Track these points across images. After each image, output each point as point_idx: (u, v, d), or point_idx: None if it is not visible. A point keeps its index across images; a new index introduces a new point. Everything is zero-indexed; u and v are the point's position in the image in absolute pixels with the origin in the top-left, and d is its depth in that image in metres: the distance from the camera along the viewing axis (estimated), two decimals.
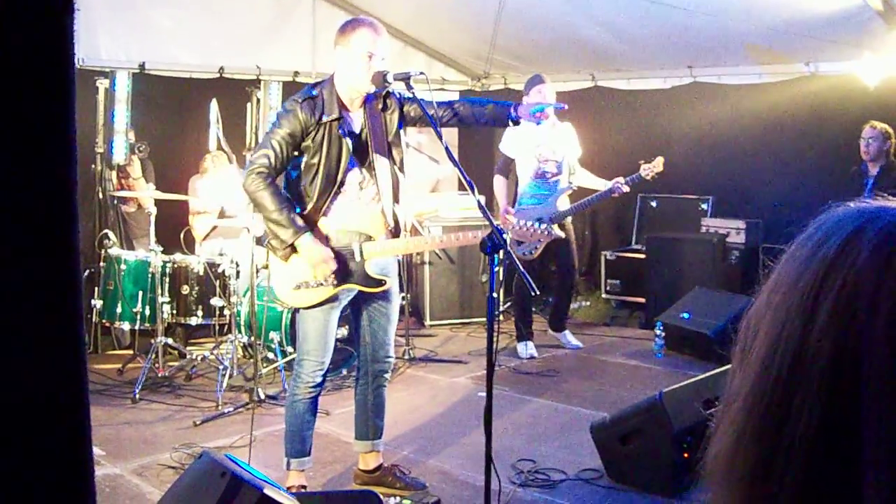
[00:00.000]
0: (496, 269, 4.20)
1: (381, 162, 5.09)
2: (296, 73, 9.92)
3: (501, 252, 4.18)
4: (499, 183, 8.60)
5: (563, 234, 7.94)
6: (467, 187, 4.44)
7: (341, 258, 4.93)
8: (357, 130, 5.01)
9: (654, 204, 10.55)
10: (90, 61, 8.31)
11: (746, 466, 0.86)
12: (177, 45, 9.00)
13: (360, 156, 5.03)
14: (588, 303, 10.42)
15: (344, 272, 4.94)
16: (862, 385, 0.79)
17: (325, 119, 4.85)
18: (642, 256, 10.00)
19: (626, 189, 8.24)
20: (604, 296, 10.55)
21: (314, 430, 5.16)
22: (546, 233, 5.59)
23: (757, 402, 0.87)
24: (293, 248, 4.80)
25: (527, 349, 8.55)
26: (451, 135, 10.82)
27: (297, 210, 4.85)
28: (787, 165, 9.25)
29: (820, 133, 8.84)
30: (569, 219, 8.51)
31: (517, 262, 4.21)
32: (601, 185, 8.37)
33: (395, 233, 5.21)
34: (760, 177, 9.55)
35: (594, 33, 9.58)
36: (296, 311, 5.28)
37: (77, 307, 1.19)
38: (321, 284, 4.89)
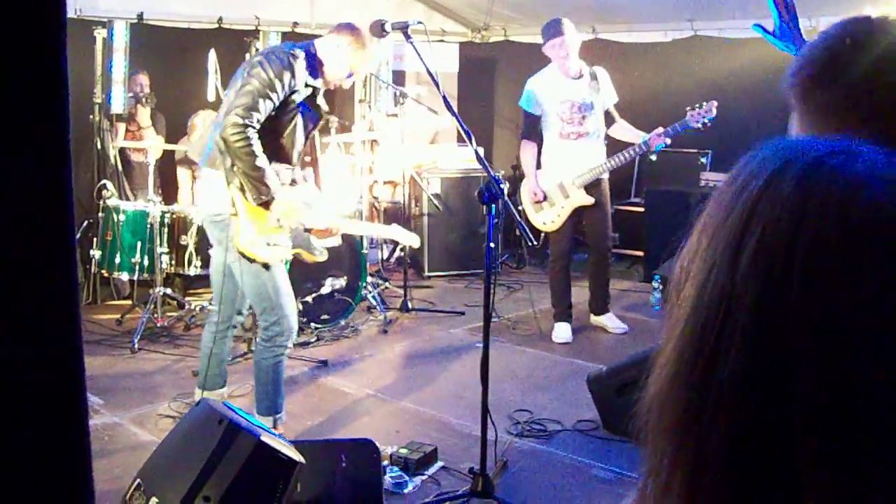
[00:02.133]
0: (494, 220, 4.19)
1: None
2: (295, 24, 9.88)
3: (500, 203, 4.18)
4: (526, 149, 7.57)
5: (587, 200, 7.43)
6: (465, 138, 4.44)
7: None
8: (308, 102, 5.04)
9: (653, 157, 10.51)
10: (87, 11, 8.28)
11: (677, 411, 0.84)
12: None
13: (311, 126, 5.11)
14: (587, 255, 10.44)
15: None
16: (785, 331, 0.78)
17: (303, 85, 4.86)
18: (641, 210, 10.00)
19: (666, 141, 7.30)
20: None
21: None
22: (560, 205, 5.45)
23: (686, 346, 0.85)
24: (267, 201, 4.79)
25: (559, 333, 7.58)
26: (450, 85, 10.79)
27: None
28: (783, 121, 9.21)
29: None
30: (605, 181, 7.59)
31: (515, 213, 4.20)
32: (638, 137, 7.43)
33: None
34: (760, 131, 9.52)
35: None
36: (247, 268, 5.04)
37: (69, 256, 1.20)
38: (286, 244, 4.93)
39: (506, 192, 4.13)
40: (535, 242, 4.36)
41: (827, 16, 8.64)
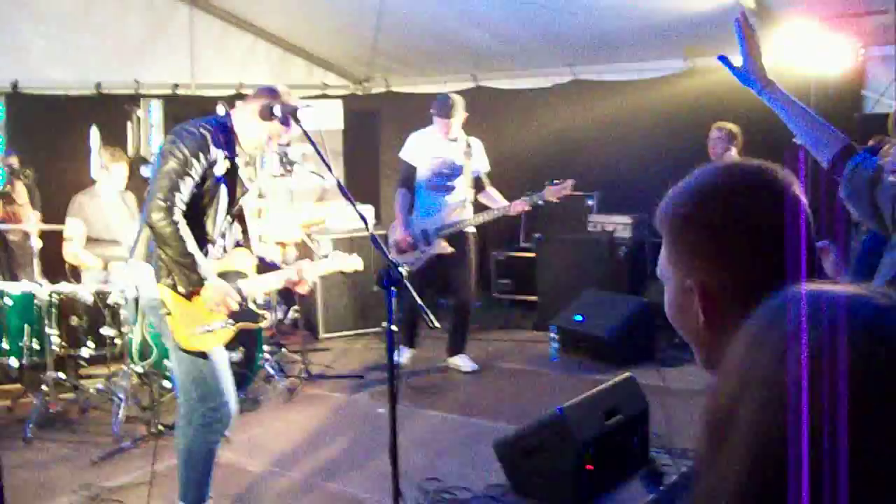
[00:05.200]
0: (393, 305, 4.17)
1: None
2: (175, 86, 9.79)
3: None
4: (400, 197, 8.26)
5: (446, 249, 8.04)
6: (361, 220, 4.47)
7: None
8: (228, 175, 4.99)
9: (540, 202, 10.63)
10: None
11: None
12: (51, 63, 8.82)
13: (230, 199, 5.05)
14: (479, 303, 10.49)
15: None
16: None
17: (222, 157, 4.81)
18: (532, 255, 10.10)
19: (526, 208, 8.09)
20: (494, 295, 10.63)
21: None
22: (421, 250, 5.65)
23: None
24: (199, 288, 4.72)
25: (400, 355, 8.14)
26: (335, 141, 10.78)
27: None
28: (666, 160, 9.40)
29: (698, 127, 8.99)
30: (471, 236, 8.26)
31: (416, 296, 4.20)
32: (500, 204, 8.19)
33: (262, 267, 5.34)
34: (643, 172, 9.67)
35: (474, 35, 9.65)
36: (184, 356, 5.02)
37: None
38: (224, 326, 4.85)
39: (405, 274, 4.11)
40: (437, 325, 4.34)
41: (703, 57, 8.90)
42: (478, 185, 8.32)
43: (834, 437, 0.85)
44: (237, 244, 5.18)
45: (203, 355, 4.80)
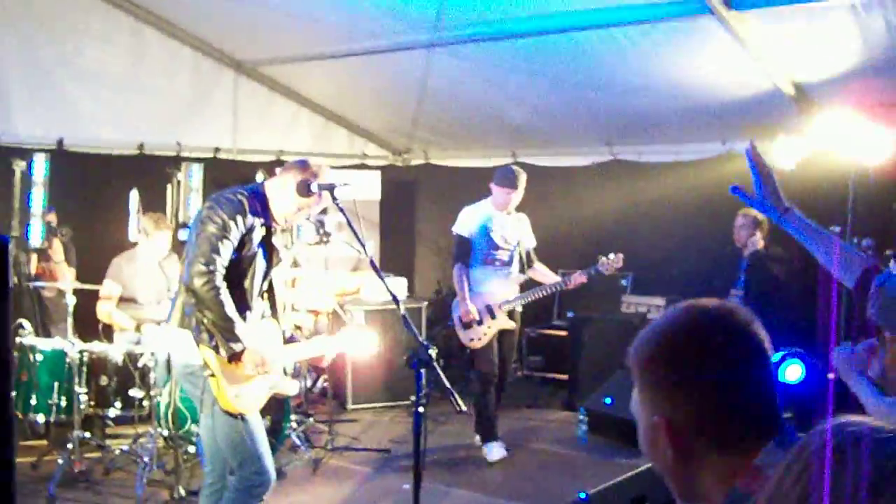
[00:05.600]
0: (422, 387, 4.15)
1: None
2: (216, 150, 9.87)
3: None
4: (458, 271, 8.06)
5: (509, 324, 8.00)
6: (394, 302, 4.47)
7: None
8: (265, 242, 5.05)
9: (595, 274, 10.60)
10: (6, 137, 8.23)
11: None
12: (96, 122, 8.92)
13: (267, 266, 5.10)
14: (509, 380, 10.43)
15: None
16: None
17: (259, 225, 4.88)
18: (564, 333, 10.06)
19: (583, 280, 7.96)
20: (525, 372, 10.58)
21: None
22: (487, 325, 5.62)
23: None
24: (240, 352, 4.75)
25: (495, 452, 7.90)
26: (372, 212, 10.83)
27: None
28: (702, 243, 9.38)
29: (734, 211, 8.96)
30: (518, 313, 8.18)
31: (444, 378, 4.18)
32: (550, 279, 8.18)
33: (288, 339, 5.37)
34: (678, 254, 9.68)
35: (514, 111, 9.71)
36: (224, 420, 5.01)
37: None
38: (260, 390, 4.89)
39: (434, 357, 4.10)
40: (464, 409, 4.30)
41: (742, 140, 8.90)
42: (528, 261, 8.24)
43: None
44: (262, 315, 5.20)
45: (243, 418, 4.81)
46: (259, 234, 4.94)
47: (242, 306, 4.90)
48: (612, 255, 7.89)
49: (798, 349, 6.57)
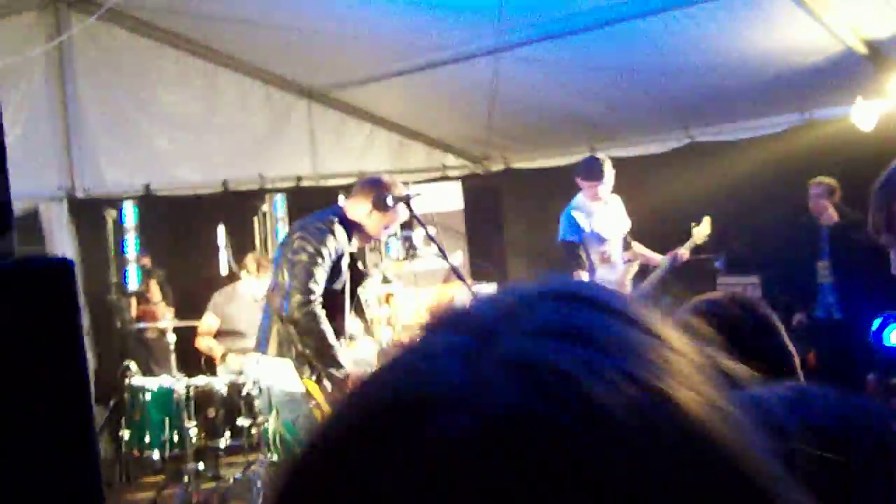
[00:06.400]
0: None
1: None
2: (299, 179, 10.02)
3: None
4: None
5: None
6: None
7: None
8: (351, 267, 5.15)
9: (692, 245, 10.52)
10: (96, 189, 8.48)
11: None
12: (179, 164, 9.16)
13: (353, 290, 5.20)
14: None
15: None
16: None
17: (347, 249, 4.98)
18: None
19: (686, 255, 7.99)
20: None
21: None
22: None
23: None
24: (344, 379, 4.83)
25: None
26: (457, 222, 10.88)
27: None
28: (789, 216, 9.26)
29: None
30: None
31: None
32: (656, 257, 8.11)
33: None
34: (767, 230, 9.55)
35: (587, 106, 9.69)
36: None
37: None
38: None
39: None
40: None
41: (821, 108, 8.78)
42: (625, 245, 8.08)
43: None
44: (351, 337, 5.29)
45: None
46: (347, 258, 5.04)
47: (338, 331, 5.00)
48: (694, 228, 7.90)
49: None
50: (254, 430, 7.33)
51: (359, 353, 5.25)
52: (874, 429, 1.17)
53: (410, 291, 9.27)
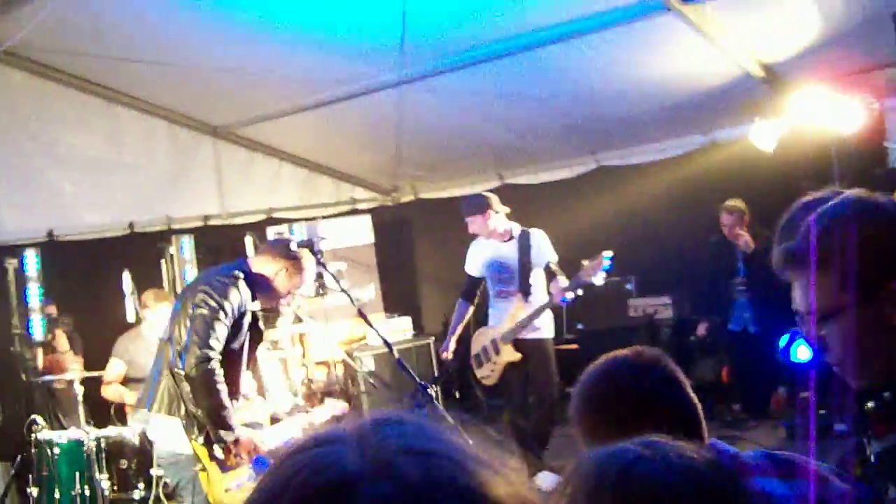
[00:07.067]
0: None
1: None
2: (206, 218, 9.88)
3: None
4: (458, 308, 8.20)
5: (514, 356, 7.69)
6: (386, 346, 4.50)
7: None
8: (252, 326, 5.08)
9: (579, 292, 10.57)
10: None
11: None
12: (83, 208, 8.96)
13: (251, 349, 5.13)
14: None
15: None
16: None
17: (249, 307, 4.89)
18: (576, 347, 10.04)
19: (569, 296, 7.61)
20: None
21: None
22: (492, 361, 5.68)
23: None
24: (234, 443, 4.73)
25: (545, 481, 7.21)
26: (367, 255, 10.82)
27: None
28: (697, 235, 9.39)
29: (723, 199, 8.98)
30: (543, 341, 7.86)
31: (446, 415, 4.19)
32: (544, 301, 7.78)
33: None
34: (676, 250, 9.68)
35: (496, 134, 9.72)
36: None
37: None
38: (252, 479, 4.85)
39: (436, 397, 4.12)
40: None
41: (722, 129, 8.93)
42: (549, 277, 7.83)
43: None
44: (245, 396, 5.21)
45: None
46: (249, 317, 4.95)
47: (234, 391, 4.90)
48: (585, 262, 7.56)
49: None
50: (168, 481, 7.18)
51: (251, 415, 5.15)
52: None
53: (322, 328, 9.20)
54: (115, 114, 9.13)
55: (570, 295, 7.58)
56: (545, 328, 7.90)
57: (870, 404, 2.20)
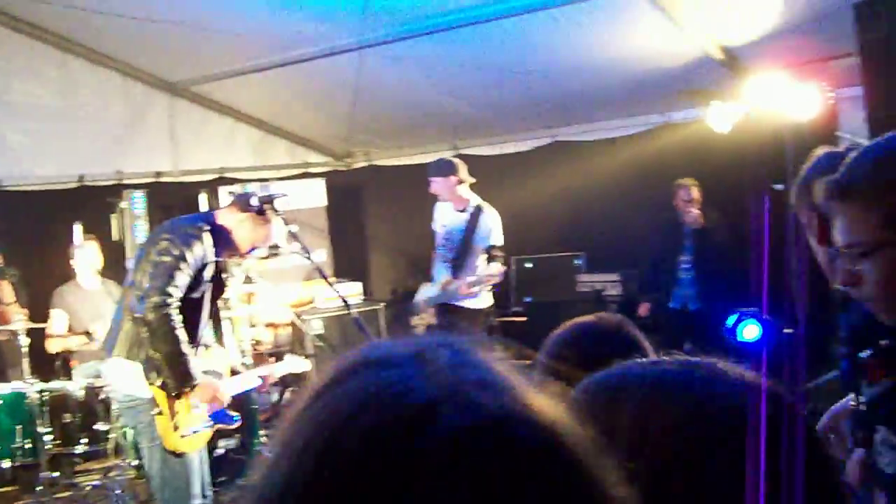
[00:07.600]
0: None
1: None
2: (158, 174, 9.78)
3: None
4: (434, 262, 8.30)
5: (422, 322, 7.99)
6: (343, 303, 4.52)
7: None
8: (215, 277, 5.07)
9: (529, 265, 10.66)
10: None
11: None
12: (33, 158, 8.79)
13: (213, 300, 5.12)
14: None
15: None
16: None
17: (212, 259, 4.87)
18: (524, 319, 10.09)
19: (469, 291, 7.72)
20: None
21: None
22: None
23: None
24: (192, 388, 4.74)
25: None
26: (320, 219, 10.79)
27: None
28: (648, 214, 9.46)
29: (677, 179, 9.06)
30: (476, 307, 7.92)
31: None
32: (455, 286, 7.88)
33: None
34: (627, 228, 9.74)
35: (452, 103, 9.69)
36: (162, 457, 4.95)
37: None
38: (207, 427, 4.86)
39: None
40: None
41: (679, 110, 9.00)
42: (489, 260, 7.84)
43: None
44: (206, 346, 5.21)
45: (182, 455, 4.80)
46: (211, 268, 4.94)
47: (193, 339, 4.89)
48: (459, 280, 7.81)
49: (753, 309, 6.63)
50: (112, 435, 7.14)
51: (211, 364, 5.16)
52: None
53: (273, 289, 9.18)
54: (68, 64, 8.95)
55: (476, 290, 7.75)
56: (480, 298, 7.97)
57: (865, 353, 2.25)
